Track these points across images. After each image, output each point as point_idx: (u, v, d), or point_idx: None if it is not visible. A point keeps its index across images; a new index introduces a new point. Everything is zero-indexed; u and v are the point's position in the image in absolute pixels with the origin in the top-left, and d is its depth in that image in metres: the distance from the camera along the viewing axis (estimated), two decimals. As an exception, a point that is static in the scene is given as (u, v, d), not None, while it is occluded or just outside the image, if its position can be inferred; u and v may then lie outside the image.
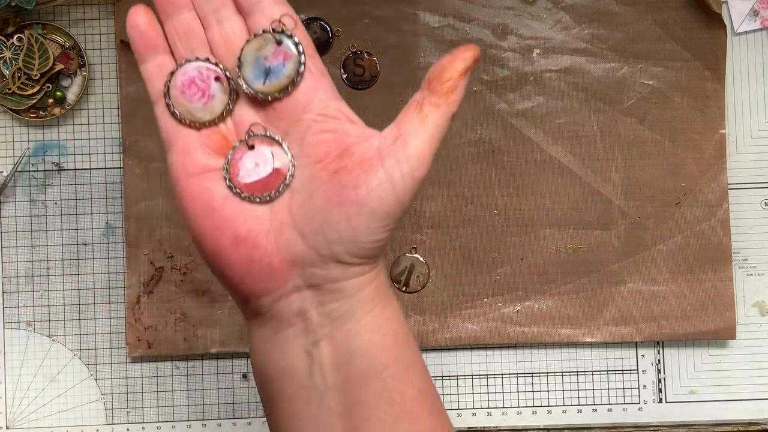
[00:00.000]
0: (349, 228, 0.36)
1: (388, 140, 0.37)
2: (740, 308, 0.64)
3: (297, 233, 0.37)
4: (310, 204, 0.37)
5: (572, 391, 0.64)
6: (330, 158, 0.37)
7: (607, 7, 0.63)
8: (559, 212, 0.63)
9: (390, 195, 0.36)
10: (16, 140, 0.63)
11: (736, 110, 0.64)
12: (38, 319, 0.63)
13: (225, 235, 0.37)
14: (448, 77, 0.37)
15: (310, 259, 0.37)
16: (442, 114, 0.38)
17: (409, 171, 0.37)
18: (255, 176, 0.38)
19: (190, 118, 0.39)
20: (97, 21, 0.63)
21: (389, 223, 0.37)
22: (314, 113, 0.38)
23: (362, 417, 0.37)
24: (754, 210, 0.64)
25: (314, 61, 0.39)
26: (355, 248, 0.37)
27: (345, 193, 0.36)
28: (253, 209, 0.38)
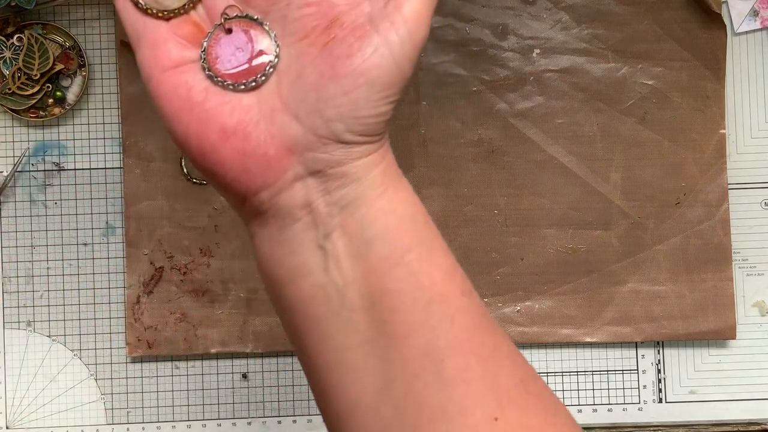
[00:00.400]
0: (347, 102, 0.33)
1: (379, 3, 0.34)
2: (740, 308, 0.64)
3: (290, 116, 0.33)
4: (300, 83, 0.33)
5: (572, 391, 0.64)
6: (318, 32, 0.33)
7: (607, 7, 0.63)
8: (559, 212, 0.63)
9: (388, 62, 0.33)
10: (16, 140, 0.63)
11: (736, 110, 0.64)
12: (38, 319, 0.63)
13: (211, 130, 0.34)
14: None
15: (308, 143, 0.33)
16: None
17: (407, 33, 0.33)
18: (236, 62, 0.34)
19: (156, 6, 0.35)
20: (97, 21, 0.63)
21: (391, 93, 0.34)
22: None
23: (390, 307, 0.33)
24: (754, 210, 0.64)
25: None
26: (356, 124, 0.33)
27: (339, 65, 0.33)
28: (238, 98, 0.34)
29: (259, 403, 0.63)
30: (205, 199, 0.63)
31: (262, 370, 0.63)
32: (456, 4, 0.63)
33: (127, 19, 0.35)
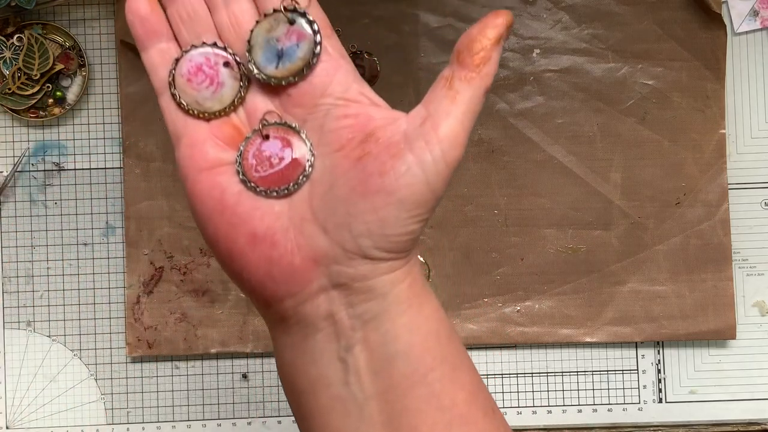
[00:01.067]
0: (376, 219, 0.33)
1: (416, 122, 0.33)
2: (740, 308, 0.64)
3: (319, 228, 0.34)
4: (331, 195, 0.34)
5: (572, 391, 0.64)
6: (353, 145, 0.34)
7: (607, 7, 0.63)
8: (559, 212, 0.63)
9: (420, 181, 0.33)
10: (16, 140, 0.63)
11: (736, 110, 0.64)
12: (38, 319, 0.63)
13: (241, 234, 0.34)
14: (479, 48, 0.34)
15: (334, 256, 0.33)
16: (475, 89, 0.34)
17: (440, 154, 0.33)
18: (271, 168, 0.35)
19: (198, 108, 0.36)
20: (97, 21, 0.63)
21: (421, 212, 0.33)
22: (333, 97, 0.35)
23: (409, 426, 0.33)
24: (754, 210, 0.64)
25: (331, 41, 0.35)
26: (384, 242, 0.33)
27: (370, 181, 0.33)
28: (270, 204, 0.34)
29: (259, 403, 0.63)
30: (205, 199, 0.63)
31: (262, 370, 0.63)
32: (456, 4, 0.63)
33: (169, 117, 0.36)
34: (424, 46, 0.63)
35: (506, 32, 0.34)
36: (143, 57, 0.36)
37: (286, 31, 0.35)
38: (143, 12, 0.36)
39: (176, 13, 0.36)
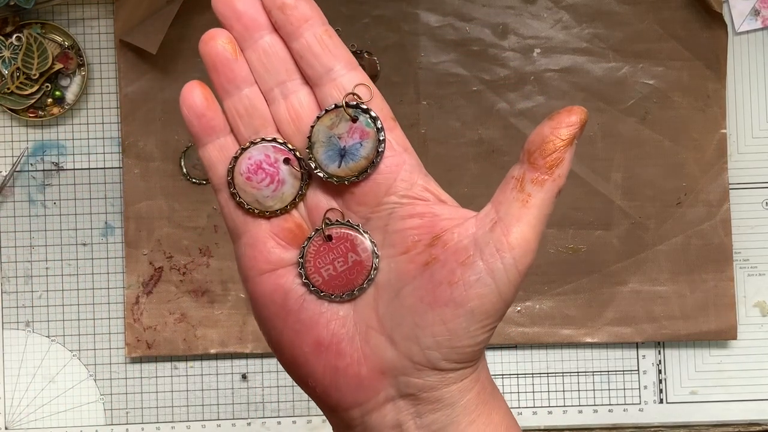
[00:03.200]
0: (445, 331, 0.32)
1: (485, 225, 0.32)
2: (741, 308, 0.63)
3: (385, 338, 0.32)
4: (398, 303, 0.32)
5: (573, 391, 0.63)
6: (419, 248, 0.33)
7: (608, 6, 0.63)
8: (560, 212, 0.63)
9: (491, 291, 0.32)
10: (15, 140, 0.63)
11: (737, 110, 0.64)
12: (37, 320, 0.63)
13: (305, 342, 0.33)
14: (552, 149, 0.32)
15: (402, 367, 0.32)
16: (546, 191, 0.33)
17: (512, 262, 0.32)
18: (334, 271, 0.34)
19: (258, 207, 0.34)
20: (97, 21, 0.63)
21: (491, 321, 0.32)
22: (398, 195, 0.33)
23: None
24: (755, 210, 0.64)
25: (395, 134, 0.34)
26: (453, 353, 0.32)
27: (439, 291, 0.32)
28: (334, 309, 0.33)
29: (259, 403, 0.63)
30: (205, 200, 0.63)
31: (261, 371, 0.63)
32: (456, 4, 0.63)
33: (228, 214, 0.34)
34: (424, 45, 0.63)
35: (580, 131, 0.32)
36: (200, 152, 0.34)
37: (348, 129, 0.33)
38: (199, 108, 0.33)
39: (233, 107, 0.34)
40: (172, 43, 0.62)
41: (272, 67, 0.34)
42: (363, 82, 0.34)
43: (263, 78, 0.34)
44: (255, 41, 0.34)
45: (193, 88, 0.33)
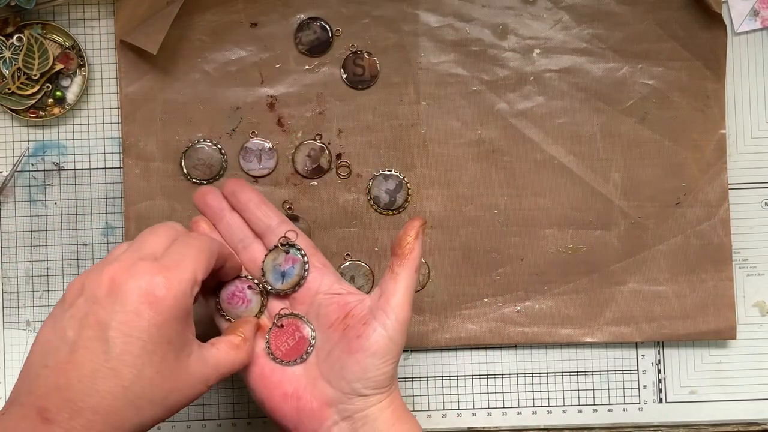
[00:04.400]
0: (360, 369, 0.49)
1: (375, 299, 0.50)
2: (740, 308, 0.64)
3: (325, 381, 0.50)
4: (330, 358, 0.50)
5: (572, 391, 0.63)
6: (338, 322, 0.50)
7: (608, 6, 0.63)
8: (559, 212, 0.63)
9: (384, 338, 0.49)
10: (15, 140, 0.63)
11: (736, 110, 0.64)
12: (38, 320, 0.63)
13: (276, 395, 0.50)
14: (406, 243, 0.50)
15: (338, 398, 0.49)
16: (408, 269, 0.50)
17: (394, 317, 0.49)
18: (287, 347, 0.51)
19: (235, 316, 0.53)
20: (97, 21, 0.63)
21: (389, 358, 0.49)
22: (323, 294, 0.52)
23: None
24: (754, 210, 0.64)
25: (316, 258, 0.53)
26: (368, 383, 0.49)
27: (352, 344, 0.49)
28: (292, 371, 0.51)
29: (259, 403, 0.63)
30: (205, 199, 0.63)
31: (261, 371, 0.63)
32: (456, 4, 0.63)
33: (220, 326, 0.53)
34: (424, 46, 0.63)
35: (422, 231, 0.51)
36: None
37: (284, 259, 0.53)
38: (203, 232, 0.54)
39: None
40: (173, 43, 0.62)
41: (234, 232, 0.54)
42: (291, 229, 0.53)
43: (229, 239, 0.54)
44: (221, 219, 0.54)
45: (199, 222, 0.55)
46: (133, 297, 0.44)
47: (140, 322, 0.44)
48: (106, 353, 0.43)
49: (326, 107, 0.63)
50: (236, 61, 0.63)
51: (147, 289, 0.44)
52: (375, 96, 0.63)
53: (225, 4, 0.63)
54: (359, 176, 0.63)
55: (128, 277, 0.44)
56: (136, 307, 0.44)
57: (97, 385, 0.43)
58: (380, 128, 0.63)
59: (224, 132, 0.63)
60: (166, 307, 0.44)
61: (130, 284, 0.44)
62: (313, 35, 0.63)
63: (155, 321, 0.44)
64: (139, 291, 0.44)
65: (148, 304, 0.44)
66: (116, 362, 0.43)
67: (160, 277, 0.44)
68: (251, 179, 0.63)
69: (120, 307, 0.44)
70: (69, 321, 0.45)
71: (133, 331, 0.43)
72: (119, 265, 0.45)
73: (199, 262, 0.47)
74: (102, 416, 0.43)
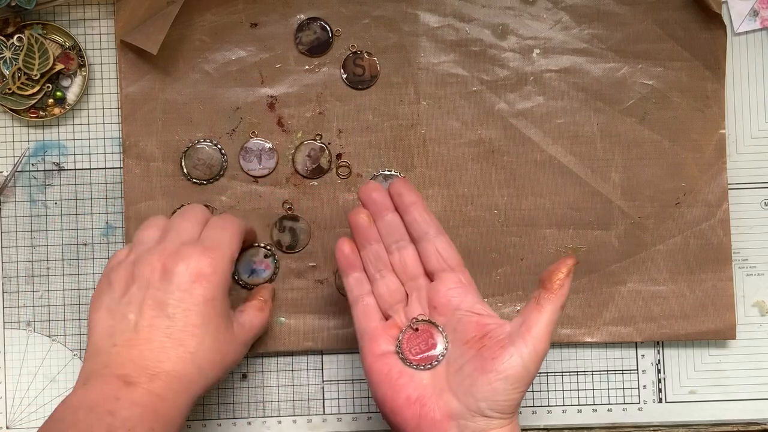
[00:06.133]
0: (490, 390, 0.49)
1: (516, 326, 0.51)
2: (740, 308, 0.64)
3: (452, 394, 0.50)
4: (460, 373, 0.50)
5: (572, 391, 0.64)
6: (475, 340, 0.51)
7: (607, 7, 0.63)
8: (559, 212, 0.63)
9: (519, 365, 0.49)
10: (16, 140, 0.63)
11: (736, 110, 0.64)
12: (38, 319, 0.63)
13: (400, 397, 0.51)
14: (557, 278, 0.51)
15: (462, 414, 0.49)
16: (554, 304, 0.51)
17: (533, 347, 0.50)
18: (419, 351, 0.52)
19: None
20: (97, 21, 0.63)
21: (520, 386, 0.50)
22: (464, 310, 0.53)
23: None
24: (754, 210, 0.64)
25: (463, 275, 0.54)
26: (495, 405, 0.49)
27: (486, 364, 0.49)
28: (419, 377, 0.51)
29: (259, 403, 0.63)
30: (205, 199, 0.63)
31: (262, 370, 0.63)
32: (456, 4, 0.63)
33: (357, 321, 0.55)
34: (424, 46, 0.63)
35: (573, 269, 0.51)
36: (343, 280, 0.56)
37: (259, 260, 0.61)
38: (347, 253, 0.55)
39: (366, 255, 0.55)
40: (173, 43, 0.62)
41: (391, 232, 0.55)
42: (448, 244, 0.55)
43: (386, 238, 0.55)
44: (383, 217, 0.55)
45: (345, 242, 0.55)
46: (185, 277, 0.51)
47: (195, 297, 0.51)
48: (170, 327, 0.50)
49: (326, 107, 0.63)
50: (236, 61, 0.63)
51: (196, 269, 0.51)
52: (375, 96, 0.63)
53: (225, 4, 0.63)
54: (359, 176, 0.63)
55: (178, 260, 0.51)
56: (189, 285, 0.51)
57: (168, 353, 0.50)
58: (380, 128, 0.63)
59: (224, 132, 0.63)
60: (214, 283, 0.51)
61: (180, 267, 0.51)
62: (313, 35, 0.63)
63: (207, 296, 0.51)
64: (189, 272, 0.51)
65: (199, 283, 0.51)
66: (181, 333, 0.50)
67: (205, 258, 0.51)
68: (251, 179, 0.63)
69: (175, 287, 0.51)
70: (127, 307, 0.51)
71: (190, 305, 0.51)
72: (167, 252, 0.52)
73: (233, 242, 0.54)
74: (176, 378, 0.49)
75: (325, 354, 0.63)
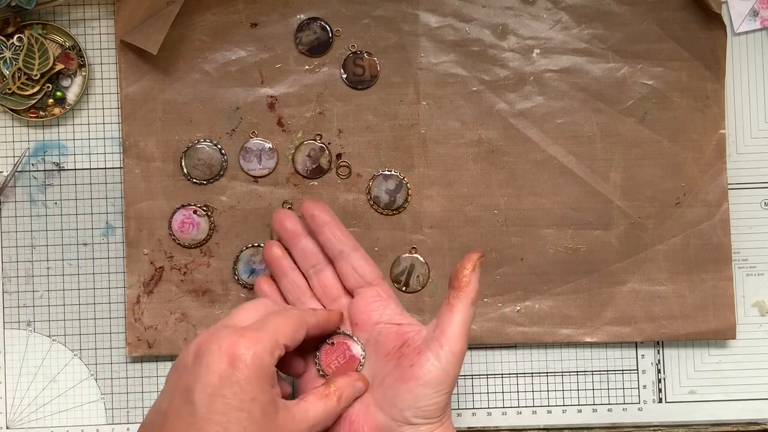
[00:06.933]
0: (412, 397, 0.49)
1: (431, 330, 0.51)
2: (740, 308, 0.64)
3: (378, 408, 0.51)
4: (383, 385, 0.51)
5: (572, 391, 0.64)
6: (394, 350, 0.52)
7: (607, 7, 0.63)
8: (559, 212, 0.63)
9: (436, 368, 0.49)
10: (16, 140, 0.63)
11: (736, 110, 0.64)
12: (38, 319, 0.63)
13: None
14: (463, 275, 0.51)
15: (389, 425, 0.50)
16: (464, 302, 0.51)
17: (448, 348, 0.50)
18: (337, 364, 0.53)
19: None
20: (97, 21, 0.63)
21: (442, 389, 0.50)
22: (383, 323, 0.53)
23: None
24: (754, 210, 0.64)
25: (382, 288, 0.55)
26: (419, 412, 0.50)
27: (405, 372, 0.50)
28: None
29: (259, 403, 0.63)
30: (205, 200, 0.63)
31: (262, 370, 0.63)
32: (456, 4, 0.63)
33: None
34: (424, 46, 0.63)
35: (479, 263, 0.51)
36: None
37: (259, 261, 0.61)
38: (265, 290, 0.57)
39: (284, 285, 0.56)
40: (173, 43, 0.62)
41: (307, 257, 0.56)
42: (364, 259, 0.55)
43: (303, 264, 0.56)
44: (297, 243, 0.56)
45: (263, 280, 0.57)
46: (215, 358, 0.46)
47: (222, 380, 0.46)
48: (192, 415, 0.45)
49: (326, 107, 0.63)
50: (236, 61, 0.63)
51: (227, 349, 0.46)
52: (375, 96, 0.63)
53: (225, 4, 0.63)
54: (359, 176, 0.63)
55: (211, 342, 0.47)
56: (217, 367, 0.46)
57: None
58: (380, 128, 0.63)
59: (224, 132, 0.63)
60: (247, 365, 0.46)
61: (212, 347, 0.46)
62: (313, 35, 0.63)
63: (237, 379, 0.46)
64: (219, 352, 0.46)
65: (229, 364, 0.46)
66: (203, 422, 0.45)
67: (240, 338, 0.47)
68: (251, 179, 0.63)
69: (203, 369, 0.46)
70: (163, 396, 0.48)
71: (216, 390, 0.45)
72: (206, 334, 0.48)
73: (283, 328, 0.49)
74: None
75: (325, 354, 0.63)
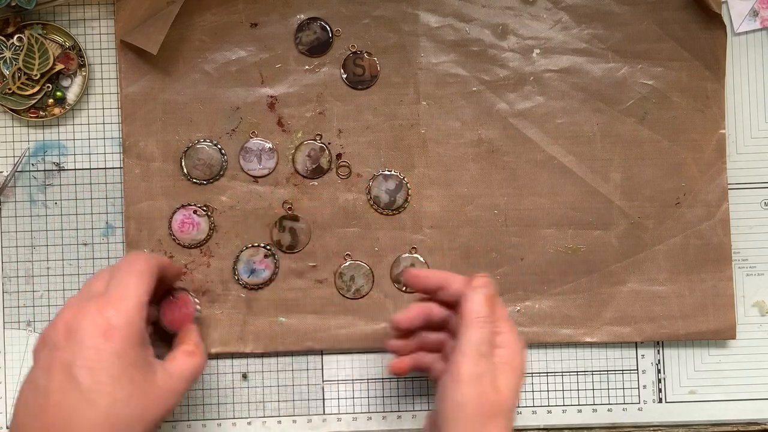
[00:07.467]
0: None
1: None
2: (740, 308, 0.64)
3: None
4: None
5: (572, 391, 0.64)
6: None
7: (607, 7, 0.63)
8: (559, 212, 0.63)
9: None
10: (16, 140, 0.63)
11: (735, 110, 0.64)
12: (38, 319, 0.63)
13: None
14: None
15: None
16: None
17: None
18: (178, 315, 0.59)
19: None
20: (97, 21, 0.63)
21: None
22: None
23: None
24: (753, 210, 0.64)
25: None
26: None
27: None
28: None
29: (259, 403, 0.63)
30: (205, 199, 0.63)
31: (262, 370, 0.63)
32: (456, 5, 0.63)
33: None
34: (424, 46, 0.63)
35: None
36: None
37: (260, 260, 0.63)
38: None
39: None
40: (173, 43, 0.62)
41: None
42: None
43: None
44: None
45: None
46: (90, 333, 0.48)
47: (101, 353, 0.47)
48: (77, 389, 0.47)
49: (326, 107, 0.63)
50: (236, 61, 0.63)
51: (100, 323, 0.48)
52: (375, 96, 0.63)
53: (225, 4, 0.63)
54: (359, 176, 0.63)
55: (81, 318, 0.48)
56: (93, 341, 0.47)
57: (78, 417, 0.46)
58: (380, 128, 0.63)
59: (224, 132, 0.63)
60: (122, 334, 0.48)
61: (84, 323, 0.48)
62: (313, 35, 0.63)
63: (114, 349, 0.48)
64: (93, 327, 0.48)
65: (105, 336, 0.48)
66: (89, 393, 0.47)
67: (109, 309, 0.48)
68: (251, 179, 0.63)
69: (79, 345, 0.47)
70: (38, 372, 0.48)
71: (96, 363, 0.47)
72: (70, 311, 0.49)
73: (140, 286, 0.50)
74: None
75: (325, 354, 0.63)
